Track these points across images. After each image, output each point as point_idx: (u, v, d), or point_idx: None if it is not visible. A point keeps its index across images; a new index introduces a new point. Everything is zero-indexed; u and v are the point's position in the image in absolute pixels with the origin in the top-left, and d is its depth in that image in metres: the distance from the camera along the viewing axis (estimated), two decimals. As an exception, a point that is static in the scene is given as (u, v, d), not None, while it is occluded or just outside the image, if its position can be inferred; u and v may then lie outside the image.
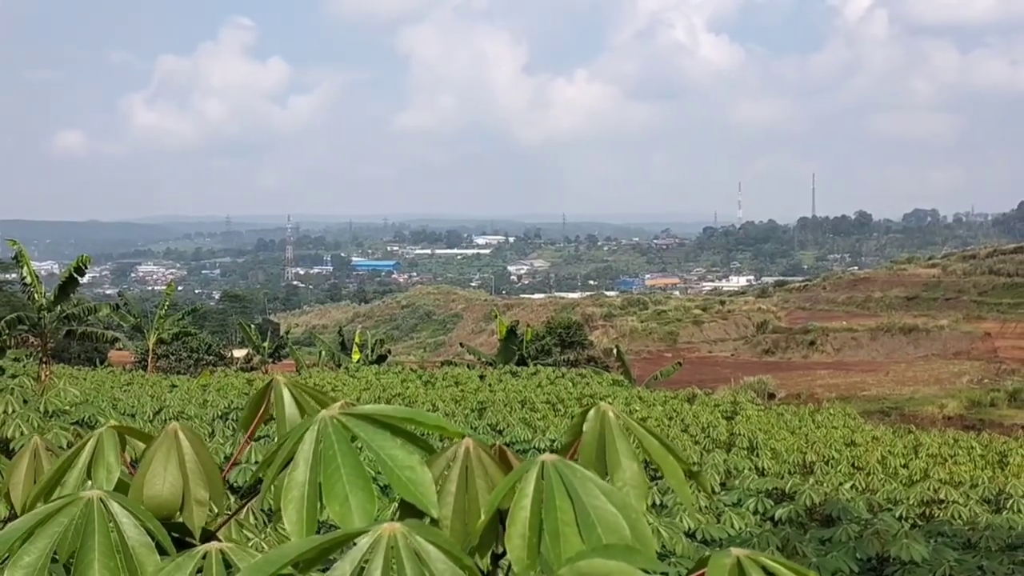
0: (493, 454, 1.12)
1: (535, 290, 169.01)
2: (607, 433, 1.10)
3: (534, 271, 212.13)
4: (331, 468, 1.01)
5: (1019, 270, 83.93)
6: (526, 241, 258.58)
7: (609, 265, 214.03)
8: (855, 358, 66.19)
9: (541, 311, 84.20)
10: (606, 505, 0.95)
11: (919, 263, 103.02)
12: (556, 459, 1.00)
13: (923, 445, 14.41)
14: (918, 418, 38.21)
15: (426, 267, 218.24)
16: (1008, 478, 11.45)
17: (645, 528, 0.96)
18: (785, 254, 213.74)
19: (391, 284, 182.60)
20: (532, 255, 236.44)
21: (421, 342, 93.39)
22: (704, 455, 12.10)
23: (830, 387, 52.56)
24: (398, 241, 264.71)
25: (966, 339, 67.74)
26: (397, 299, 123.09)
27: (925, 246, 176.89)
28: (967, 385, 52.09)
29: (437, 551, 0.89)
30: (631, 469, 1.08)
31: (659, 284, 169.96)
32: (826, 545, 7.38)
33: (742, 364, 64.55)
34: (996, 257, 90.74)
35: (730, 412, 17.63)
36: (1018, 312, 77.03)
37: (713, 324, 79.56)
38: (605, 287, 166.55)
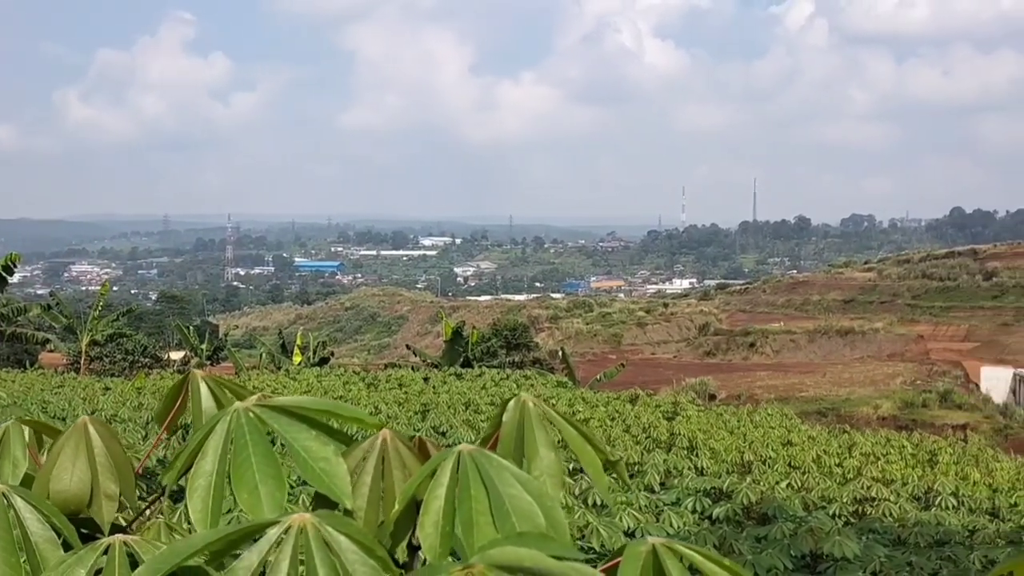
0: (412, 446, 1.11)
1: (482, 292, 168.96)
2: (526, 423, 1.10)
3: (481, 273, 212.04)
4: (241, 457, 0.99)
5: (951, 274, 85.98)
6: (473, 243, 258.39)
7: (555, 267, 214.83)
8: (793, 360, 67.22)
9: (487, 313, 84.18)
10: (521, 494, 0.95)
11: (856, 267, 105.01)
12: (473, 449, 0.99)
13: (857, 444, 14.70)
14: (854, 418, 38.93)
15: (371, 268, 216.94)
16: (937, 476, 11.72)
17: (560, 516, 0.96)
18: (727, 257, 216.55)
19: (335, 285, 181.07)
20: (479, 257, 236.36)
21: (365, 344, 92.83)
22: (645, 455, 12.20)
23: (769, 388, 53.29)
24: (342, 242, 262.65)
25: (900, 341, 69.24)
26: (341, 301, 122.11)
27: (862, 250, 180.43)
28: (900, 386, 53.14)
29: (348, 541, 0.88)
30: (548, 458, 1.07)
31: (604, 286, 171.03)
32: (762, 543, 7.48)
33: (684, 365, 65.15)
34: (929, 262, 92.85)
35: (671, 413, 17.80)
36: (949, 315, 78.96)
37: (656, 326, 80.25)
38: (551, 289, 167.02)
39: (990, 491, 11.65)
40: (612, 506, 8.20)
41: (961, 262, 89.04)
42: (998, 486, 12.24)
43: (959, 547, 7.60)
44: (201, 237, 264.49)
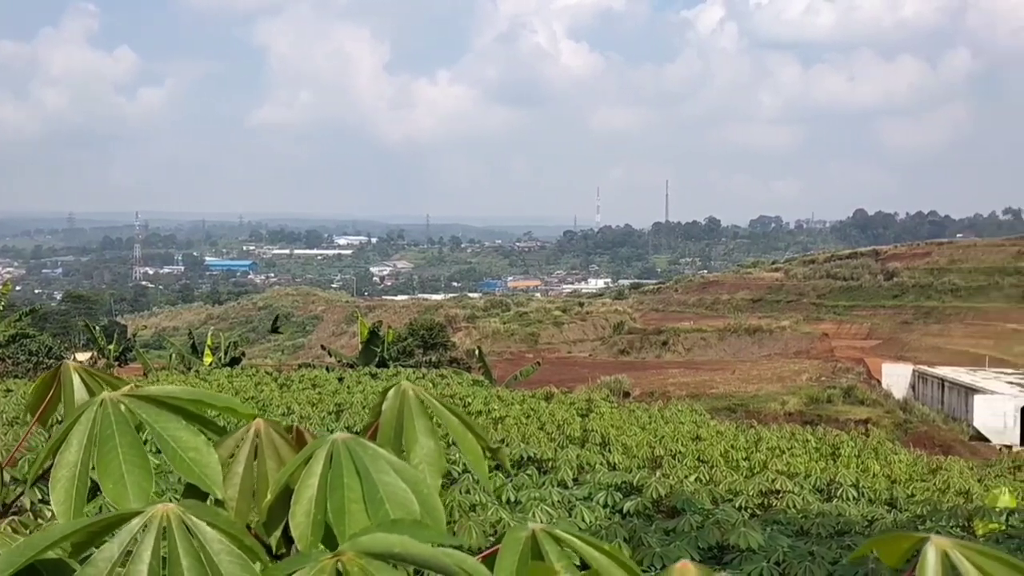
0: (289, 435, 1.10)
1: (398, 292, 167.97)
2: (406, 412, 1.10)
3: (397, 272, 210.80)
4: (107, 447, 0.97)
5: (854, 274, 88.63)
6: (389, 242, 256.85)
7: (472, 267, 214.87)
8: (704, 358, 68.44)
9: (404, 313, 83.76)
10: (396, 481, 0.95)
11: (764, 267, 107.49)
12: (348, 437, 0.99)
13: (763, 439, 15.05)
14: (762, 414, 39.86)
15: (284, 268, 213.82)
16: (839, 469, 12.07)
17: (437, 503, 0.96)
18: (640, 257, 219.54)
19: (247, 285, 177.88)
20: (395, 256, 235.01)
21: (279, 345, 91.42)
22: (559, 451, 12.28)
23: (681, 385, 54.16)
24: (255, 240, 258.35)
25: (806, 339, 71.05)
26: (253, 300, 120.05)
27: (769, 251, 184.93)
28: (806, 383, 54.55)
29: (214, 531, 0.87)
30: (428, 446, 1.07)
31: (521, 286, 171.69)
32: (670, 535, 7.60)
33: (599, 364, 65.77)
34: (833, 262, 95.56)
35: (585, 410, 17.95)
36: (852, 314, 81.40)
37: (572, 325, 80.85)
38: (468, 289, 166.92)
39: (889, 482, 12.05)
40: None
41: (864, 263, 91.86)
42: (896, 477, 12.67)
43: (859, 536, 7.83)
44: (108, 235, 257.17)
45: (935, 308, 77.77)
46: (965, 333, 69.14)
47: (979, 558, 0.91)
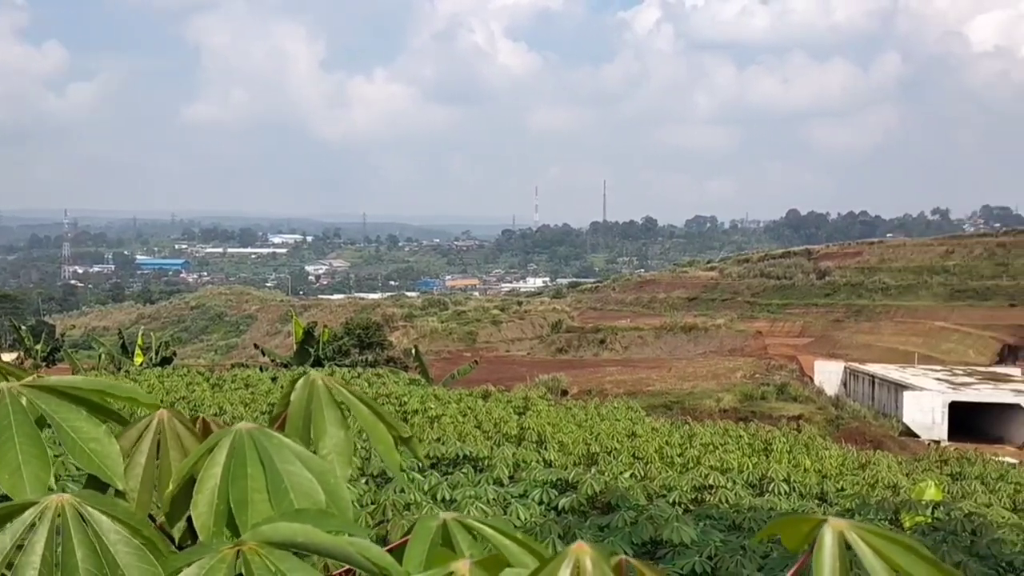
0: (195, 426, 1.07)
1: (334, 291, 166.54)
2: (314, 402, 1.08)
3: (333, 271, 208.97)
4: (4, 437, 0.93)
5: (787, 273, 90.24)
6: (325, 241, 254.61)
7: (410, 266, 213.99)
8: (641, 356, 69.09)
9: (340, 312, 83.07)
10: (301, 471, 0.93)
11: (699, 266, 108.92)
12: (252, 427, 0.97)
13: (697, 435, 15.24)
14: (697, 411, 40.34)
15: (218, 266, 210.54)
16: (771, 464, 12.27)
17: (344, 493, 0.95)
18: (578, 256, 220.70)
19: (179, 284, 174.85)
20: (331, 255, 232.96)
21: (212, 345, 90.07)
22: (495, 449, 12.28)
23: (618, 383, 54.59)
24: (187, 239, 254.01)
25: (740, 337, 72.11)
26: (186, 300, 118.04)
27: (705, 250, 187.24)
28: (741, 380, 55.38)
29: (111, 522, 0.86)
30: (337, 437, 1.06)
31: (459, 285, 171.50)
32: (604, 531, 7.64)
33: (538, 363, 65.98)
34: (767, 261, 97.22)
35: (522, 408, 17.99)
36: (786, 312, 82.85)
37: (511, 324, 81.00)
38: (406, 288, 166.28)
39: (820, 477, 12.28)
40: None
41: (796, 262, 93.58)
42: (827, 472, 12.92)
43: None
44: (36, 234, 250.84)
45: (866, 306, 79.52)
46: (895, 331, 70.80)
47: (875, 539, 0.92)
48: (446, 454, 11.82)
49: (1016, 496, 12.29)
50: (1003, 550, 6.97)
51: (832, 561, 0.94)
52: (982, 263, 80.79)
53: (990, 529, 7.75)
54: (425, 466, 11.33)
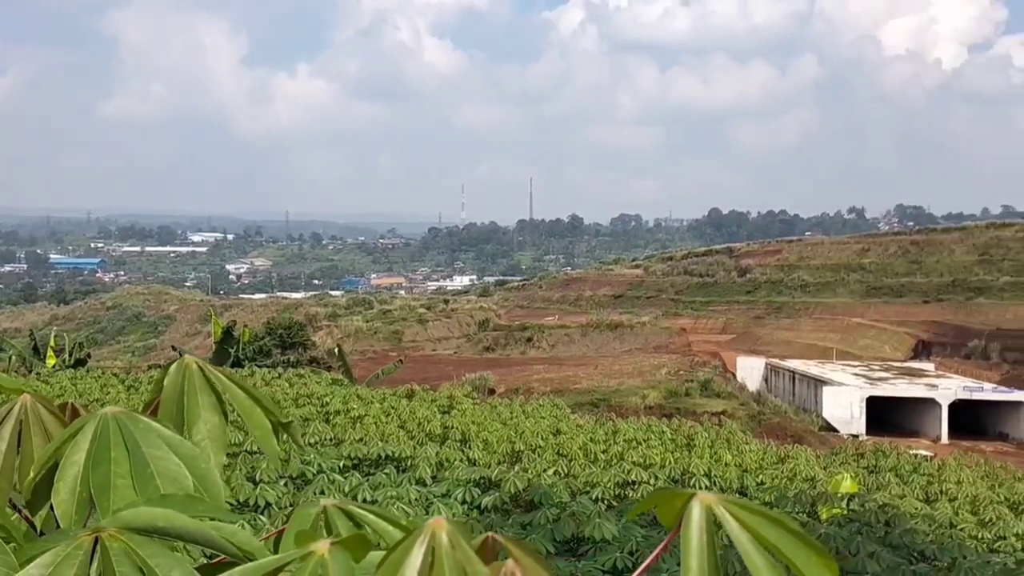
0: (61, 412, 1.00)
1: (256, 290, 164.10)
2: (188, 386, 1.02)
3: (255, 270, 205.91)
4: None
5: (709, 271, 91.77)
6: (246, 239, 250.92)
7: (334, 264, 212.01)
8: (568, 354, 69.49)
9: (262, 312, 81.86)
10: (168, 456, 0.88)
11: (624, 264, 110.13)
12: (119, 411, 0.90)
13: (620, 432, 15.35)
14: (623, 408, 40.71)
15: (135, 266, 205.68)
16: (693, 459, 12.41)
17: (216, 479, 0.89)
18: (505, 254, 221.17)
19: (95, 284, 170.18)
20: (253, 254, 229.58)
21: (129, 346, 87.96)
22: (418, 448, 12.18)
23: (545, 381, 54.84)
24: (103, 237, 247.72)
25: (665, 334, 73.04)
26: (102, 300, 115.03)
27: (630, 248, 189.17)
28: (665, 377, 56.11)
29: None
30: (212, 422, 1.00)
31: (385, 284, 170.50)
32: (527, 529, 7.61)
33: (465, 362, 65.93)
34: (690, 259, 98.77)
35: (446, 407, 17.89)
36: (708, 309, 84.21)
37: (437, 323, 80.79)
38: (330, 287, 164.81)
39: (740, 471, 12.45)
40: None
41: (719, 260, 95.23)
42: (747, 466, 13.10)
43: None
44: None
45: (786, 303, 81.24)
46: (814, 327, 72.45)
47: (743, 513, 0.94)
48: (368, 454, 11.68)
49: (928, 488, 12.62)
50: (915, 540, 7.14)
51: (699, 534, 0.95)
52: (896, 261, 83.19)
53: (903, 520, 7.93)
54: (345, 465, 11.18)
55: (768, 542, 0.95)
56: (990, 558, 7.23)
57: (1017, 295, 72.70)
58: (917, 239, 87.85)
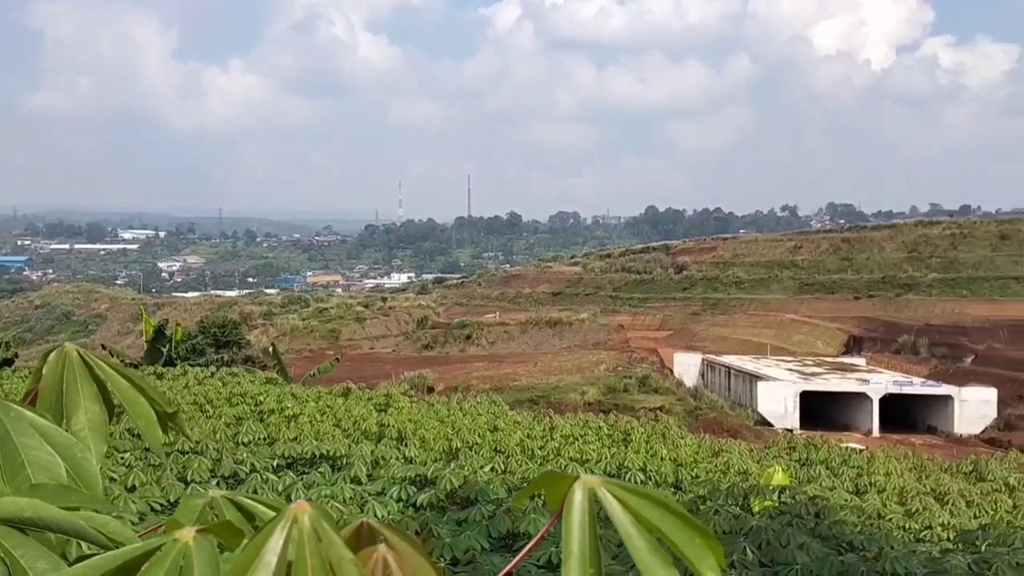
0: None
1: (189, 288, 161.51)
2: (68, 375, 0.96)
3: (188, 268, 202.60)
4: None
5: (647, 268, 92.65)
6: (179, 236, 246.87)
7: (269, 262, 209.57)
8: (507, 351, 69.56)
9: (196, 310, 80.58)
10: (41, 445, 0.86)
11: (563, 261, 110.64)
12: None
13: (558, 427, 15.38)
14: (562, 405, 40.86)
15: (64, 263, 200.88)
16: (628, 454, 12.48)
17: (92, 469, 0.86)
18: (444, 252, 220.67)
19: (22, 282, 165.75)
20: (185, 251, 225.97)
21: (58, 345, 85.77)
22: (353, 447, 12.06)
23: (485, 379, 54.84)
24: (31, 235, 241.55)
25: (603, 331, 73.54)
26: (30, 298, 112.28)
27: (568, 246, 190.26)
28: (604, 373, 56.49)
29: None
30: (92, 411, 0.94)
31: (321, 281, 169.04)
32: (462, 525, 7.57)
33: (403, 360, 65.64)
34: (628, 256, 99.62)
35: (383, 405, 17.76)
36: (646, 306, 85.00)
37: (375, 321, 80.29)
38: (265, 285, 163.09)
39: (675, 465, 12.55)
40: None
41: (655, 257, 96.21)
42: (682, 460, 13.22)
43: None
44: None
45: (721, 300, 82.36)
46: (749, 323, 73.59)
47: (626, 495, 0.96)
48: (302, 453, 11.52)
49: (858, 480, 12.87)
50: (844, 531, 7.24)
51: (581, 516, 0.96)
52: (828, 258, 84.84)
53: (832, 511, 8.05)
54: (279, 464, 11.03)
55: (650, 523, 0.95)
56: (916, 547, 7.37)
57: (944, 291, 74.67)
58: (848, 237, 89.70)
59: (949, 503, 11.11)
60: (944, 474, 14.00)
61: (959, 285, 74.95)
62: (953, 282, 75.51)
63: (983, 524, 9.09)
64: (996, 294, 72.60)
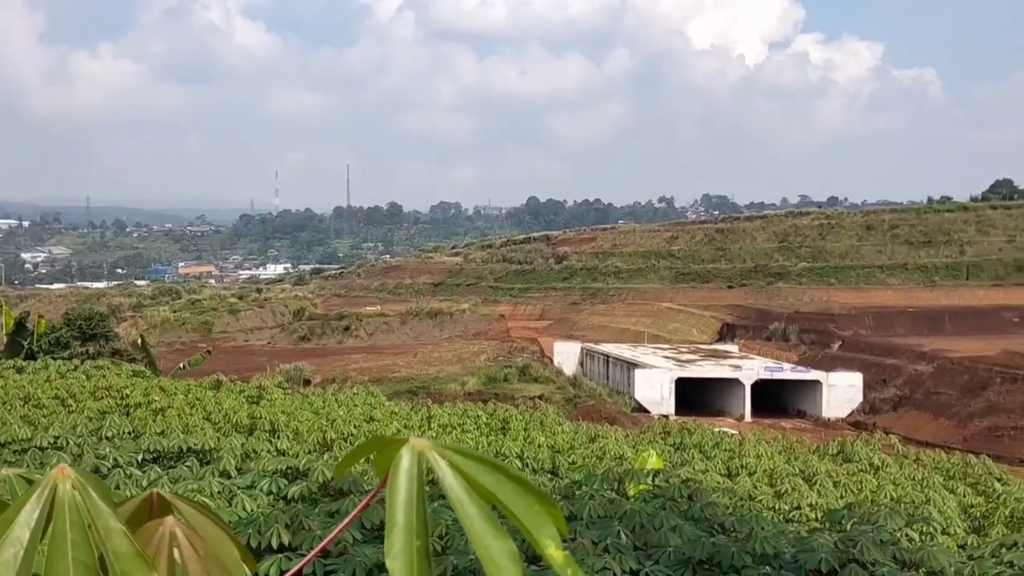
0: None
1: (55, 280, 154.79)
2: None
3: (53, 259, 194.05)
4: None
5: (527, 258, 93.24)
6: (43, 226, 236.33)
7: (140, 253, 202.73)
8: (387, 342, 69.01)
9: (61, 302, 77.07)
10: None
11: (444, 252, 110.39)
12: None
13: (435, 416, 15.24)
14: (443, 395, 40.75)
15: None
16: (506, 441, 12.44)
17: None
18: (322, 242, 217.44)
19: None
20: (51, 242, 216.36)
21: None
22: (222, 439, 11.64)
23: (364, 370, 54.28)
24: None
25: (484, 321, 73.70)
26: None
27: (450, 236, 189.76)
28: (485, 363, 56.67)
29: None
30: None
31: (194, 273, 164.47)
32: (334, 517, 7.35)
33: (279, 352, 64.34)
34: (509, 247, 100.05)
35: (256, 397, 17.26)
36: (527, 296, 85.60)
37: (250, 313, 78.51)
38: (135, 276, 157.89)
39: (552, 452, 12.56)
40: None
41: (536, 247, 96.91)
42: (559, 447, 13.25)
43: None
44: None
45: (600, 289, 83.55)
46: (627, 312, 74.94)
47: (457, 458, 0.93)
48: (169, 448, 11.05)
49: (730, 462, 13.13)
50: (715, 512, 7.32)
51: (408, 482, 0.92)
52: (703, 248, 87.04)
53: (705, 494, 8.14)
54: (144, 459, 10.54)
55: (485, 490, 0.91)
56: (785, 528, 7.51)
57: (813, 280, 77.60)
58: (722, 227, 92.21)
59: (817, 484, 11.42)
60: (812, 456, 14.41)
61: (827, 274, 77.96)
62: (821, 271, 78.49)
63: (849, 503, 9.37)
64: (862, 282, 75.82)
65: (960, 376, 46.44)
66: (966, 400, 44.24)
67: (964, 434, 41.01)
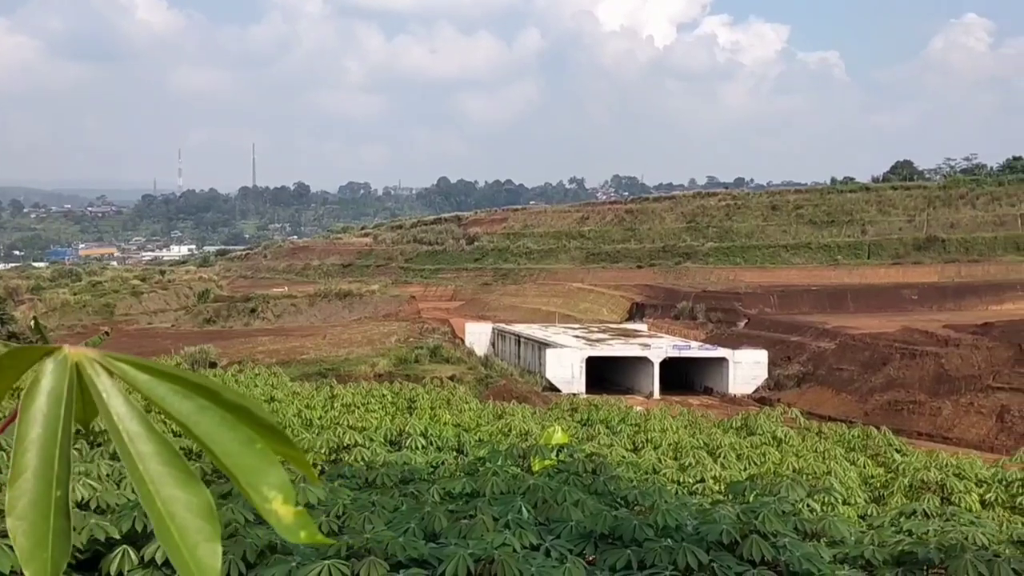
0: None
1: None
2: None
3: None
4: None
5: (438, 239, 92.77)
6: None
7: (38, 234, 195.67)
8: (295, 324, 67.95)
9: (-49, 286, 73.92)
10: None
11: (353, 232, 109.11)
12: None
13: (338, 396, 14.95)
14: (353, 377, 40.21)
15: None
16: (409, 420, 12.24)
17: None
18: (227, 223, 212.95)
19: None
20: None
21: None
22: (113, 424, 11.18)
23: (271, 353, 53.29)
24: None
25: (395, 302, 73.13)
26: None
27: (359, 217, 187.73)
28: (396, 344, 56.19)
29: None
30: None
31: (95, 254, 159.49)
32: (227, 498, 7.07)
33: (184, 335, 62.84)
34: (420, 227, 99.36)
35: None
36: (438, 277, 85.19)
37: (153, 295, 76.52)
38: (33, 258, 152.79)
39: (457, 429, 12.41)
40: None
41: (447, 228, 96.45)
42: (465, 425, 13.12)
43: (423, 482, 7.84)
44: None
45: (512, 270, 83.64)
46: (538, 292, 75.16)
47: (134, 372, 0.67)
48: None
49: (636, 437, 13.18)
50: (619, 486, 7.26)
51: (49, 407, 0.62)
52: (613, 228, 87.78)
53: (609, 468, 8.08)
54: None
55: (179, 418, 0.63)
56: (688, 500, 7.50)
57: (720, 259, 79.01)
58: (631, 208, 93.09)
59: (720, 456, 11.52)
60: (716, 429, 14.57)
61: (733, 253, 79.43)
62: (728, 251, 79.93)
63: (752, 475, 9.43)
64: (767, 262, 77.48)
65: (861, 352, 47.85)
66: (867, 375, 45.61)
67: (865, 408, 42.26)
